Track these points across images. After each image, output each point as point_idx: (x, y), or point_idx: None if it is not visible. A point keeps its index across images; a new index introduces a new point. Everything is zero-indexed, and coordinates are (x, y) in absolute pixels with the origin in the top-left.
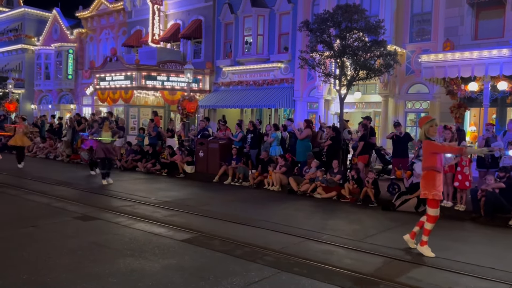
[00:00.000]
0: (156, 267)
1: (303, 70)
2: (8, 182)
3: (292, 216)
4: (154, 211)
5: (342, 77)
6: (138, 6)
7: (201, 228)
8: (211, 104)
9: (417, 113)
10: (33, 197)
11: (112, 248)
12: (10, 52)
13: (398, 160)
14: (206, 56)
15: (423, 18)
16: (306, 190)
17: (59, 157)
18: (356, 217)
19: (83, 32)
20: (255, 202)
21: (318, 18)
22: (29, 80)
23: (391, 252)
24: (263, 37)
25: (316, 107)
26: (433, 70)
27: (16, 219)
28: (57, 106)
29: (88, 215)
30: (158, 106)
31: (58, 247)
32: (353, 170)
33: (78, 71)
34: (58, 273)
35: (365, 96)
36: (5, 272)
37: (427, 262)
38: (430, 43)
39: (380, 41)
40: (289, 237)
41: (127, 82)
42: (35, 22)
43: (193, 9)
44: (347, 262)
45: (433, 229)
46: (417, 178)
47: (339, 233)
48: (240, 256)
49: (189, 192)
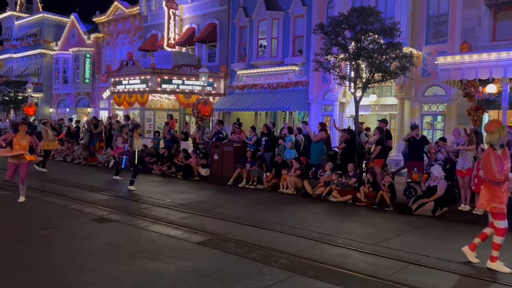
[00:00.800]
0: (171, 269)
1: (318, 73)
2: (27, 184)
3: (307, 219)
4: (170, 213)
5: (357, 79)
6: (153, 11)
7: (216, 231)
8: (225, 107)
9: (433, 115)
10: (51, 199)
11: (128, 250)
12: (30, 57)
13: (414, 163)
14: (221, 60)
15: (440, 20)
16: (321, 193)
17: (76, 160)
18: (372, 220)
19: (100, 36)
20: (269, 205)
21: (333, 21)
22: (47, 84)
23: (407, 257)
24: (277, 40)
25: (330, 109)
26: (450, 72)
27: (34, 220)
28: (74, 110)
29: (105, 217)
30: (173, 109)
31: (75, 249)
32: (368, 173)
33: (95, 75)
34: (75, 274)
35: (381, 99)
36: (24, 273)
37: (444, 267)
38: (446, 45)
39: (396, 43)
40: (303, 240)
41: (143, 85)
42: (54, 27)
43: (208, 13)
44: (363, 266)
45: (452, 234)
46: (434, 181)
47: (354, 237)
48: (255, 259)
49: (204, 195)
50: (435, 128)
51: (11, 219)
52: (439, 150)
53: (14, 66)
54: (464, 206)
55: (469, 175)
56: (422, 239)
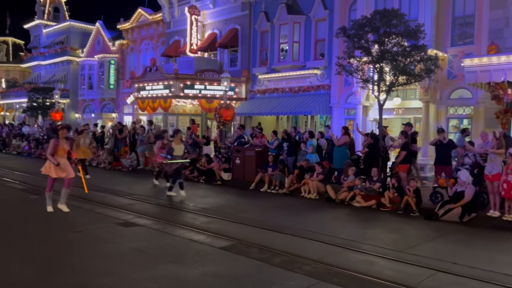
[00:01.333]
0: (195, 273)
1: (340, 77)
2: (55, 188)
3: (331, 224)
4: (193, 218)
5: (381, 82)
6: (176, 17)
7: (239, 236)
8: (247, 112)
9: (459, 119)
10: (77, 203)
11: (153, 254)
12: (57, 64)
13: (441, 168)
14: (242, 64)
15: (465, 21)
16: (344, 198)
17: (101, 164)
18: (397, 226)
19: (124, 43)
20: (292, 210)
21: (355, 24)
22: (73, 90)
23: (435, 264)
24: (299, 44)
25: (353, 113)
26: (477, 75)
27: (61, 224)
28: (99, 115)
29: (130, 221)
30: (195, 114)
31: (101, 252)
32: (393, 178)
33: (119, 81)
34: (101, 278)
35: (405, 102)
36: (51, 276)
37: (474, 275)
38: (473, 47)
39: (420, 46)
40: (327, 246)
41: (166, 91)
42: (80, 35)
43: (230, 18)
44: (389, 273)
45: (481, 241)
46: (461, 186)
47: (380, 243)
48: (278, 265)
49: (226, 199)
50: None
51: (39, 223)
52: (466, 155)
53: (42, 73)
54: (493, 212)
55: (498, 180)
56: (450, 246)
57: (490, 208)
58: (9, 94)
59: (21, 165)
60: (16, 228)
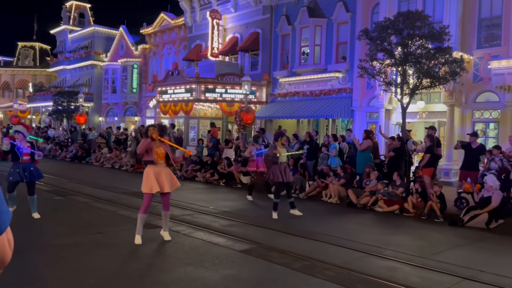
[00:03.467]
0: (215, 277)
1: (362, 80)
2: (78, 190)
3: (353, 229)
4: (213, 221)
5: (404, 85)
6: (198, 21)
7: (259, 239)
8: (267, 115)
9: (486, 122)
10: (100, 205)
11: (173, 257)
12: (81, 68)
13: (467, 173)
14: (263, 68)
15: (492, 23)
16: (366, 203)
17: (124, 167)
18: (421, 232)
19: (146, 47)
20: (313, 214)
21: (378, 26)
22: (97, 94)
23: (461, 271)
24: (320, 47)
25: (376, 117)
26: (504, 77)
27: (84, 225)
28: (122, 119)
29: (151, 223)
30: (216, 117)
31: (123, 254)
32: (417, 183)
33: (142, 85)
34: (122, 279)
35: (429, 106)
36: (74, 277)
37: (501, 283)
38: (500, 49)
39: (445, 48)
40: (350, 252)
41: (188, 94)
42: (104, 40)
43: (251, 22)
44: (414, 280)
45: (509, 249)
46: (488, 191)
47: (403, 249)
48: (300, 270)
49: (246, 202)
50: (488, 136)
51: (62, 225)
52: (492, 159)
53: (67, 77)
54: None
55: None
56: (477, 253)
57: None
58: (36, 98)
59: (46, 167)
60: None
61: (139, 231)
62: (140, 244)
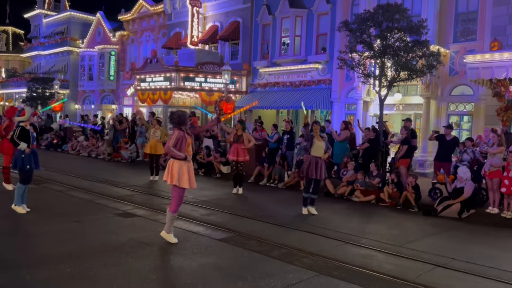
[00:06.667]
0: (194, 265)
1: (341, 71)
2: (53, 178)
3: (329, 219)
4: (192, 210)
5: (382, 78)
6: (177, 9)
7: (238, 228)
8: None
9: (460, 115)
10: (76, 193)
11: (152, 245)
12: (57, 54)
13: (440, 164)
14: (243, 58)
15: (468, 17)
16: (343, 193)
17: (100, 156)
18: (396, 221)
19: (124, 34)
20: (290, 203)
21: (358, 18)
22: (73, 81)
23: (434, 259)
24: (300, 38)
25: (354, 108)
26: (479, 71)
27: (60, 214)
28: (99, 106)
29: (129, 212)
30: (196, 106)
31: (100, 243)
32: (393, 173)
33: (119, 72)
34: (99, 268)
35: (406, 98)
36: (50, 265)
37: (473, 271)
38: (475, 43)
39: (423, 41)
40: (326, 240)
41: (166, 83)
42: (80, 25)
43: (231, 11)
44: (388, 267)
45: (480, 237)
46: (460, 182)
47: (379, 238)
48: (277, 258)
49: (226, 192)
50: (462, 128)
51: (37, 213)
52: (465, 151)
53: (42, 63)
54: (492, 208)
55: (497, 177)
56: (449, 241)
57: (489, 205)
58: (8, 84)
59: None
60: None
61: (171, 230)
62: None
